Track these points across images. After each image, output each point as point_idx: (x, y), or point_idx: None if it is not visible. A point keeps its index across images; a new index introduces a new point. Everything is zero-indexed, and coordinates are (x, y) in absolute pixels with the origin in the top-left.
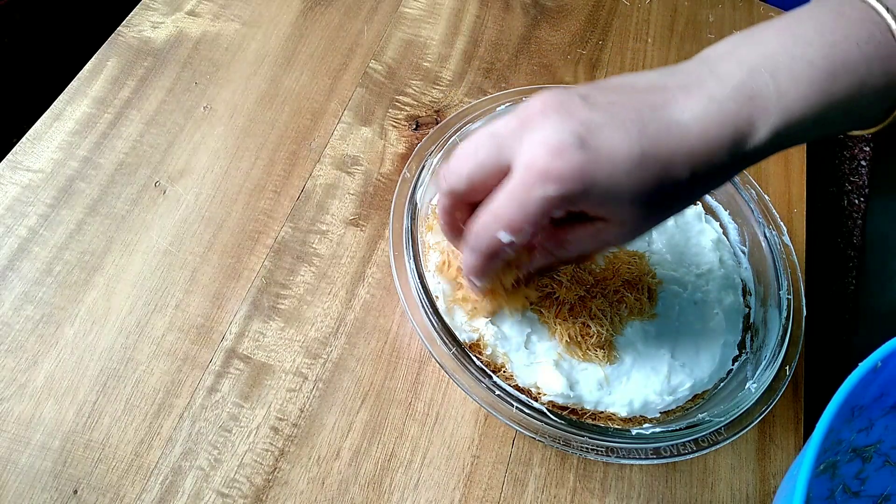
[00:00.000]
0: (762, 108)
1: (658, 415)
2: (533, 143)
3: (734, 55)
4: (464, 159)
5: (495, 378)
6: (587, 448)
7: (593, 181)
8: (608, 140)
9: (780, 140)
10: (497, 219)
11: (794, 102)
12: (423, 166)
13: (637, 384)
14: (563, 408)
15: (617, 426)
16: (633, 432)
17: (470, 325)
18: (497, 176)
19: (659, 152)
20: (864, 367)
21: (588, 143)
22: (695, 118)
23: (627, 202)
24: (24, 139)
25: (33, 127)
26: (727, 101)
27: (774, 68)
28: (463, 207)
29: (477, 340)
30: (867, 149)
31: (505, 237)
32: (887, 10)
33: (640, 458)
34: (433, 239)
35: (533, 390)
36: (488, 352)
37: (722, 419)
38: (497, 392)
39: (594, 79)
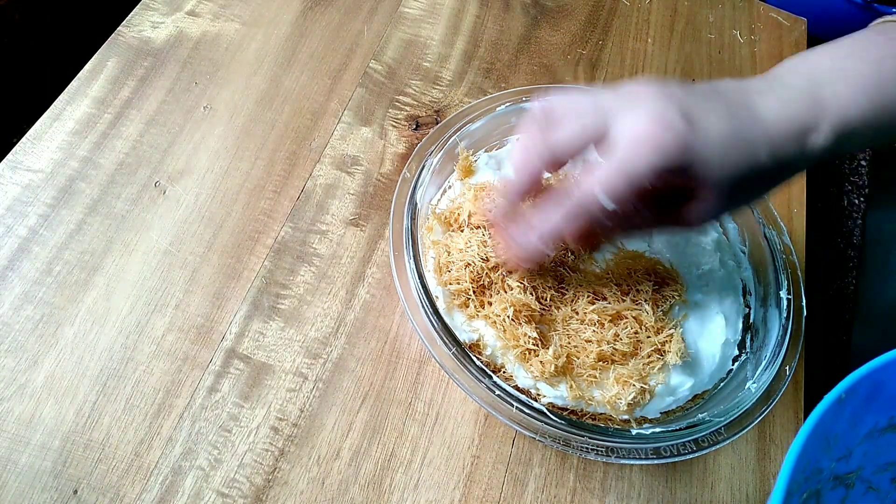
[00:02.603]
0: (823, 110)
1: (658, 415)
2: (640, 115)
3: (796, 70)
4: (569, 119)
5: (495, 378)
6: (587, 448)
7: (695, 153)
8: (707, 119)
9: (841, 141)
10: (601, 185)
11: (848, 107)
12: (423, 166)
13: None
14: (563, 408)
15: (617, 426)
16: (633, 432)
17: (470, 325)
18: (592, 140)
19: (745, 135)
20: (828, 399)
21: (691, 119)
22: (772, 113)
23: (716, 177)
24: (24, 139)
25: (33, 127)
26: (794, 101)
27: (830, 79)
28: (546, 165)
29: (477, 341)
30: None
31: (607, 203)
32: None
33: (640, 458)
34: (433, 239)
35: (532, 391)
36: (488, 352)
37: (722, 419)
38: (497, 392)
39: (594, 79)
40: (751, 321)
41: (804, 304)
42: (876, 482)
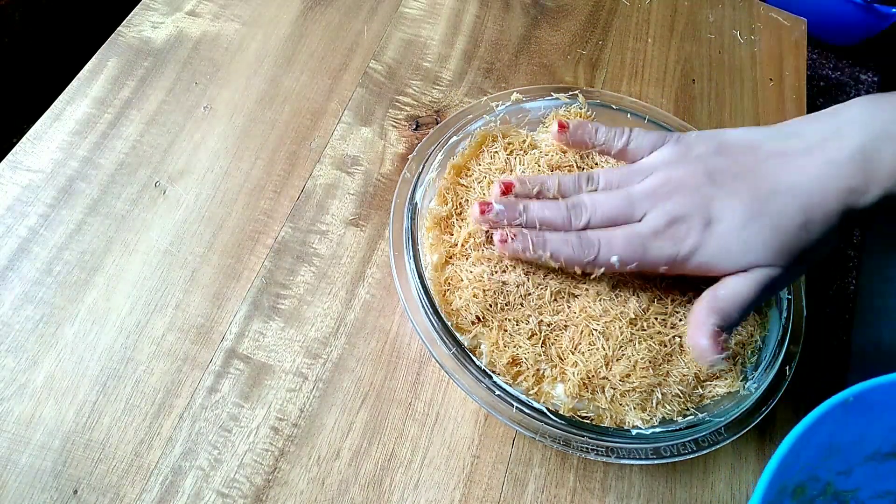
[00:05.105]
0: (875, 172)
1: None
2: (661, 212)
3: (857, 120)
4: (603, 202)
5: (495, 378)
6: (587, 448)
7: (704, 255)
8: (726, 212)
9: (890, 202)
10: (614, 247)
11: None
12: (423, 166)
13: None
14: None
15: (617, 426)
16: (633, 432)
17: (470, 333)
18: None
19: (771, 211)
20: (836, 399)
21: (709, 219)
22: (813, 178)
23: (738, 263)
24: (24, 139)
25: (33, 127)
26: (845, 164)
27: (891, 135)
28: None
29: (475, 347)
30: None
31: (615, 261)
32: None
33: (640, 458)
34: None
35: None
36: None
37: (722, 419)
38: (497, 392)
39: (594, 79)
40: None
41: (804, 304)
42: None
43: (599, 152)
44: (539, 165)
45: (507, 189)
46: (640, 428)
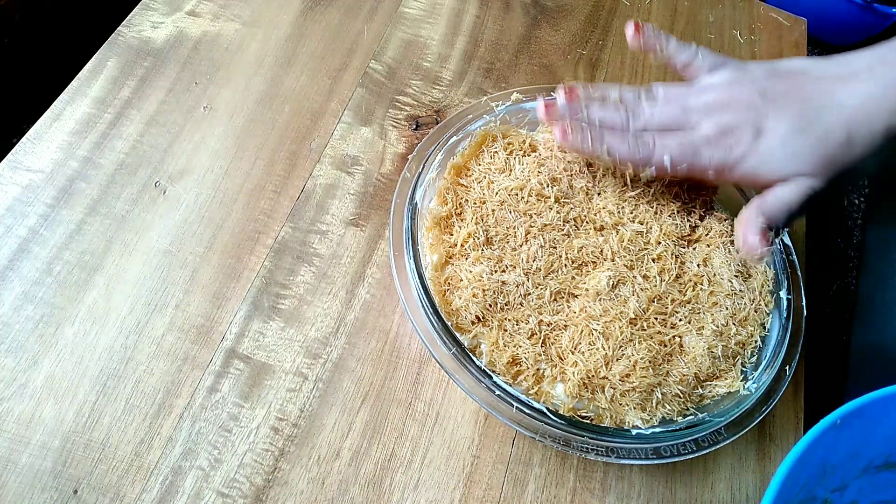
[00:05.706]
0: None
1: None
2: (713, 121)
3: None
4: (659, 111)
5: (495, 378)
6: (587, 448)
7: (750, 165)
8: (776, 124)
9: None
10: (667, 148)
11: None
12: (423, 166)
13: None
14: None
15: (617, 426)
16: (633, 432)
17: (470, 333)
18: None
19: (815, 125)
20: (825, 421)
21: (760, 129)
22: (856, 98)
23: (783, 172)
24: (24, 139)
25: (33, 127)
26: (892, 85)
27: None
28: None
29: (474, 347)
30: None
31: (668, 162)
32: None
33: (640, 458)
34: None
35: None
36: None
37: (722, 419)
38: (497, 392)
39: (594, 79)
40: None
41: (804, 304)
42: None
43: (664, 61)
44: (540, 167)
45: (570, 94)
46: (640, 428)
